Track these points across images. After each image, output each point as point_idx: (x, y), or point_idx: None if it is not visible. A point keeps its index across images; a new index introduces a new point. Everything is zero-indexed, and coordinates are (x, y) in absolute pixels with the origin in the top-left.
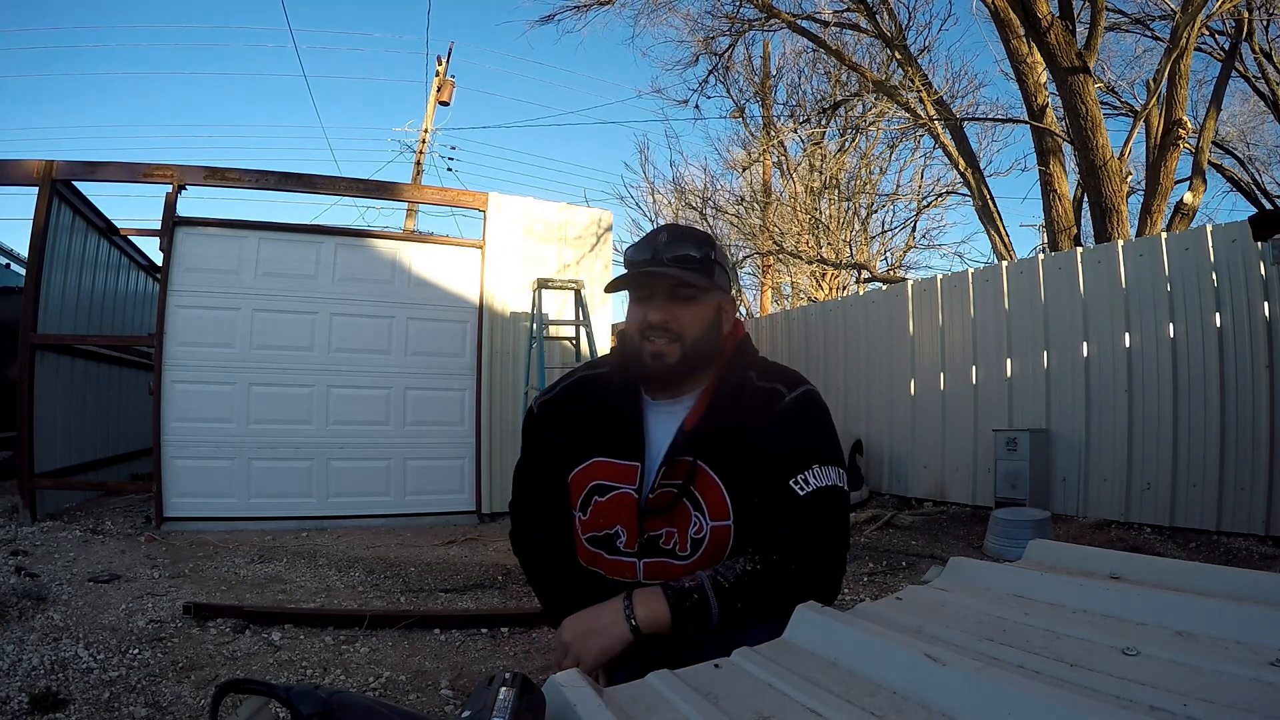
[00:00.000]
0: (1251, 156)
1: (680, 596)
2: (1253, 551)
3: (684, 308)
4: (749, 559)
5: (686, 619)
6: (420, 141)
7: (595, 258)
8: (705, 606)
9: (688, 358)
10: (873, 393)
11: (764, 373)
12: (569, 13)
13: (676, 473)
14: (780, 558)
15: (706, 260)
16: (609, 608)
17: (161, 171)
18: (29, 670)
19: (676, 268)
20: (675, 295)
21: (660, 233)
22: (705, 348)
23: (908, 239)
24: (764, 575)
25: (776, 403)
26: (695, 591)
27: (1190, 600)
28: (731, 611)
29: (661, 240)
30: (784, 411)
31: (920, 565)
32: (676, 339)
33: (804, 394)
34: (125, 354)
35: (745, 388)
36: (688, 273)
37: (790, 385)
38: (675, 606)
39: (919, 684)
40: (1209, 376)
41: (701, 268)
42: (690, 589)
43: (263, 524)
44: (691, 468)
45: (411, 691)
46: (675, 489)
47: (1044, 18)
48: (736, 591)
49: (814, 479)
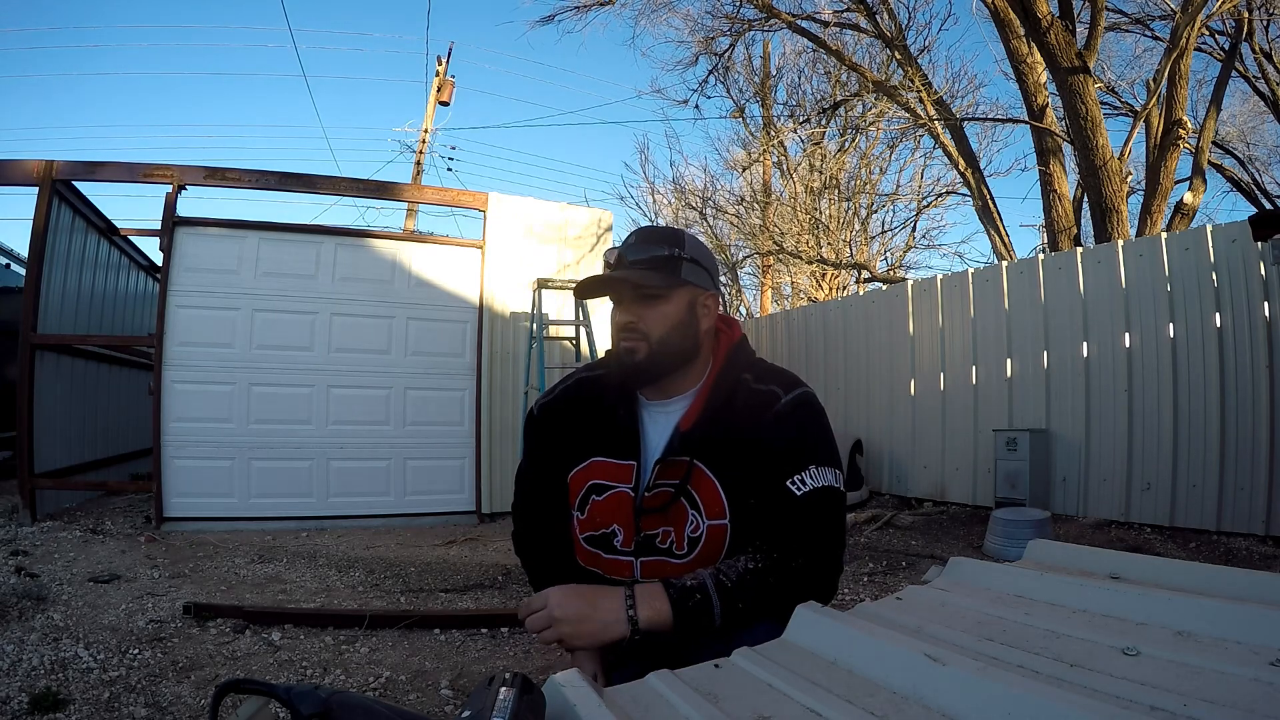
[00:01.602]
0: (1251, 156)
1: (683, 595)
2: (1253, 551)
3: (649, 307)
4: (750, 557)
5: (689, 618)
6: (420, 141)
7: (595, 258)
8: (708, 606)
9: (655, 355)
10: (873, 393)
11: (760, 375)
12: (569, 13)
13: (672, 472)
14: (781, 556)
15: (672, 258)
16: (609, 601)
17: (161, 171)
18: (29, 670)
19: (639, 270)
20: (639, 296)
21: (630, 236)
22: (675, 345)
23: (908, 239)
24: (765, 574)
25: (773, 405)
26: (698, 591)
27: (1190, 600)
28: (733, 611)
29: (629, 243)
30: (780, 413)
31: (920, 565)
32: (643, 338)
33: (800, 396)
34: (125, 354)
35: (741, 389)
36: (646, 273)
37: (786, 388)
38: (678, 606)
39: (919, 684)
40: (1209, 377)
41: (666, 266)
42: (693, 588)
43: (263, 524)
44: (688, 467)
45: (411, 691)
46: (671, 488)
47: (1044, 18)
48: (738, 591)
49: (810, 479)
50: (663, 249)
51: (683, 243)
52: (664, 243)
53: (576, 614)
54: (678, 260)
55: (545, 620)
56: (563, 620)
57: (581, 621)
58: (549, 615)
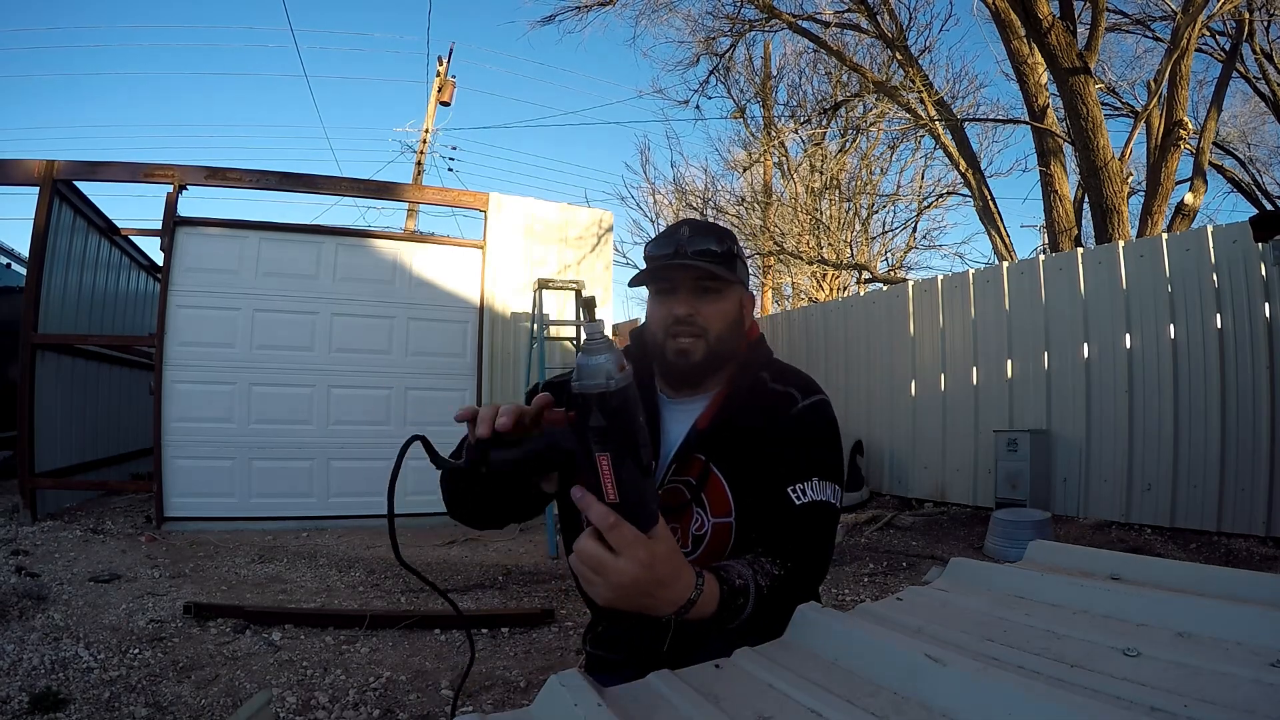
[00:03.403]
0: (1252, 157)
1: (731, 596)
2: (1253, 552)
3: (708, 302)
4: (773, 564)
5: (720, 620)
6: (421, 141)
7: (596, 258)
8: (741, 612)
9: (711, 354)
10: (873, 393)
11: (778, 375)
12: (570, 13)
13: (688, 471)
14: (794, 565)
15: (729, 254)
16: (683, 583)
17: (162, 171)
18: (29, 670)
19: (705, 260)
20: (699, 289)
21: (682, 226)
22: (728, 344)
23: (908, 240)
24: (784, 581)
25: (789, 407)
26: (741, 595)
27: (1191, 601)
28: (755, 617)
29: (684, 234)
30: (795, 417)
31: (921, 566)
32: (700, 334)
33: (817, 403)
34: (126, 354)
35: (759, 389)
36: (712, 265)
37: (804, 392)
38: (723, 607)
39: (919, 684)
40: (1210, 377)
41: (724, 261)
42: (739, 589)
43: (263, 524)
44: (704, 468)
45: (412, 691)
46: (686, 488)
47: (1045, 18)
48: (768, 599)
49: (812, 491)
50: (719, 243)
51: (735, 239)
52: (720, 237)
53: (650, 580)
54: (733, 257)
55: (624, 572)
56: (645, 581)
57: (643, 592)
58: (630, 568)
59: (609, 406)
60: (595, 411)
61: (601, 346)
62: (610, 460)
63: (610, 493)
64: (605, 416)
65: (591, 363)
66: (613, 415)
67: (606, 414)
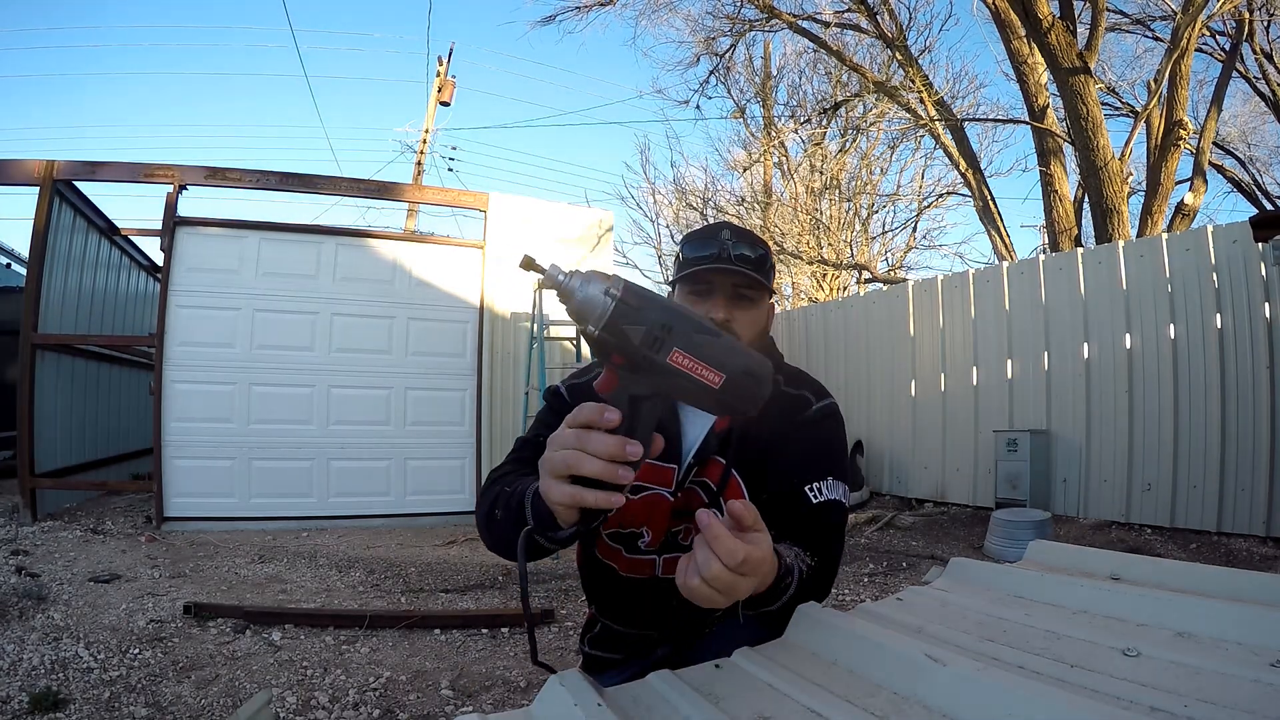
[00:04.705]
0: (1252, 157)
1: (784, 574)
2: (1253, 553)
3: (743, 309)
4: (805, 554)
5: (767, 601)
6: (421, 141)
7: (596, 258)
8: (786, 593)
9: None
10: (873, 393)
11: (790, 378)
12: (570, 13)
13: (708, 473)
14: (821, 560)
15: (763, 263)
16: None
17: (162, 171)
18: (29, 670)
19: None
20: (737, 295)
21: (723, 229)
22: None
23: (908, 240)
24: (816, 572)
25: (803, 410)
26: (789, 574)
27: (1191, 601)
28: (789, 605)
29: (726, 238)
30: (809, 420)
31: (921, 566)
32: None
33: (829, 406)
34: (126, 354)
35: (774, 392)
36: (753, 274)
37: (817, 395)
38: (776, 584)
39: (919, 684)
40: (1210, 377)
41: (762, 269)
42: (789, 567)
43: (263, 524)
44: (725, 471)
45: (411, 691)
46: (705, 491)
47: (1045, 18)
48: (807, 583)
49: (826, 490)
50: (754, 250)
51: (769, 248)
52: (755, 245)
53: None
54: (767, 267)
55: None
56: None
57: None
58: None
59: (630, 308)
60: (626, 329)
61: (576, 279)
62: (682, 348)
63: (712, 376)
64: (638, 319)
65: (583, 294)
66: (641, 311)
67: (636, 317)
